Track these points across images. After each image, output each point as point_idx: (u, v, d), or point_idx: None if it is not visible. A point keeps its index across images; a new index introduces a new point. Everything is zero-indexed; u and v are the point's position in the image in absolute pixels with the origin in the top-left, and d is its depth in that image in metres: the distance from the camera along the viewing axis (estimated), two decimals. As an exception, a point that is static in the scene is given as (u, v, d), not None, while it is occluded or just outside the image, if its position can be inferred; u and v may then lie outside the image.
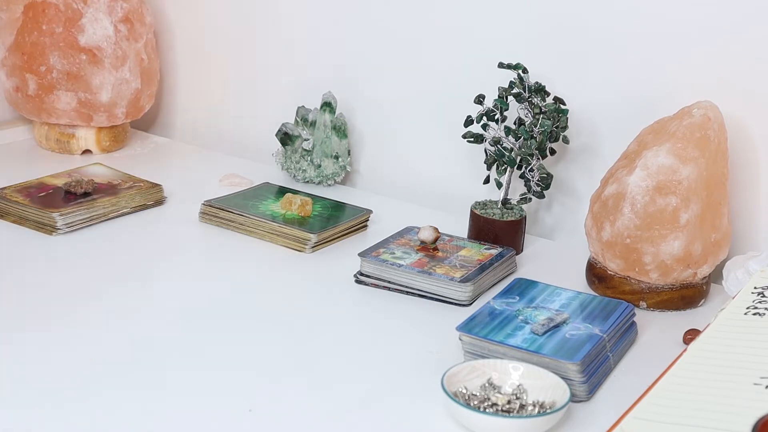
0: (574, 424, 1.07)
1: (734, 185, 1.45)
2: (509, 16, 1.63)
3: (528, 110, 1.50)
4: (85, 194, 1.56)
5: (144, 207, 1.61)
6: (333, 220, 1.56)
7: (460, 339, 1.19)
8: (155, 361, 1.15)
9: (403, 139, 1.79)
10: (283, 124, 1.76)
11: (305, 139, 1.74)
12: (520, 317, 1.22)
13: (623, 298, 1.35)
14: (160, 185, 1.64)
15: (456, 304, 1.34)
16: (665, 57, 1.49)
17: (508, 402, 1.06)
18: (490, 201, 1.57)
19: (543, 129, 1.48)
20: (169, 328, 1.23)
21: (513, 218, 1.52)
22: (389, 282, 1.38)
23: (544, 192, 1.53)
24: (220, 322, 1.26)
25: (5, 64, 1.84)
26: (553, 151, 1.55)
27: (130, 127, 1.98)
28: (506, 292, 1.30)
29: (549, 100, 1.53)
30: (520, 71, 1.51)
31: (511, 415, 1.05)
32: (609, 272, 1.39)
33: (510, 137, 1.50)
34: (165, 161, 1.88)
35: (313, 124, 1.75)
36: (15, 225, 1.50)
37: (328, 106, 1.75)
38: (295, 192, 1.63)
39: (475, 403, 1.06)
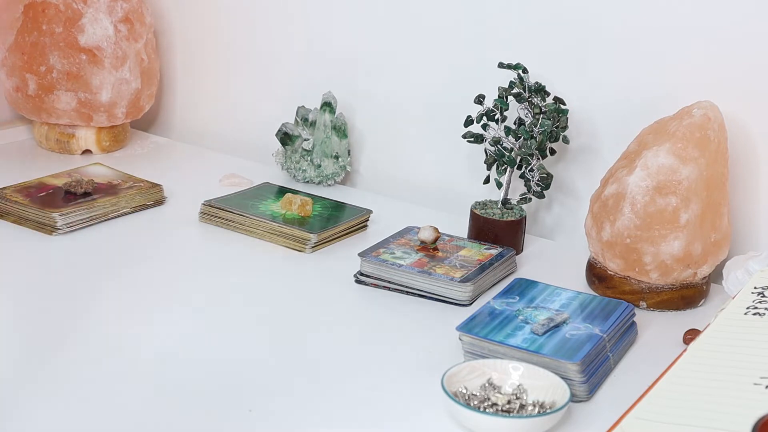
0: (574, 424, 1.07)
1: (734, 185, 1.45)
2: (509, 16, 1.63)
3: (528, 110, 1.50)
4: (85, 194, 1.56)
5: (144, 207, 1.61)
6: (333, 220, 1.56)
7: (460, 339, 1.19)
8: (155, 361, 1.15)
9: (403, 139, 1.79)
10: (283, 124, 1.76)
11: (305, 139, 1.75)
12: (520, 317, 1.22)
13: (623, 298, 1.35)
14: (160, 185, 1.64)
15: (456, 304, 1.34)
16: (665, 57, 1.49)
17: (508, 402, 1.06)
18: (490, 201, 1.57)
19: (543, 129, 1.48)
20: (168, 328, 1.23)
21: (513, 218, 1.52)
22: (389, 282, 1.38)
23: (544, 192, 1.53)
24: (219, 322, 1.26)
25: (5, 64, 1.84)
26: (553, 151, 1.55)
27: (130, 127, 1.98)
28: (506, 292, 1.30)
29: (549, 100, 1.53)
30: (520, 71, 1.51)
31: (511, 415, 1.05)
32: (609, 272, 1.39)
33: (510, 137, 1.50)
34: (165, 161, 1.88)
35: (313, 124, 1.75)
36: (15, 225, 1.50)
37: (328, 106, 1.75)
38: (295, 192, 1.63)
39: (475, 403, 1.06)
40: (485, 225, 1.52)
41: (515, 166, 1.51)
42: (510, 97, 1.51)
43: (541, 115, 1.49)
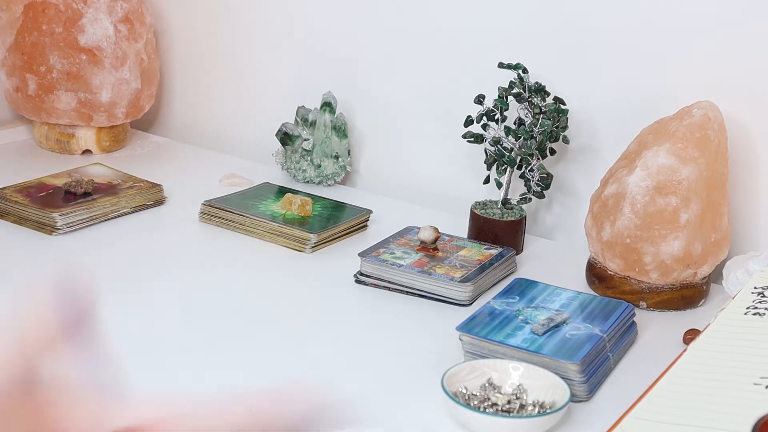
0: (574, 424, 1.07)
1: (734, 185, 1.45)
2: (509, 16, 1.63)
3: (528, 110, 1.50)
4: (85, 194, 1.56)
5: (144, 207, 1.61)
6: (333, 220, 1.55)
7: (460, 339, 1.19)
8: (155, 362, 1.15)
9: (403, 139, 1.79)
10: (283, 124, 1.76)
11: (305, 139, 1.74)
12: (520, 317, 1.22)
13: (623, 298, 1.35)
14: (160, 185, 1.64)
15: (456, 304, 1.34)
16: (665, 57, 1.49)
17: (508, 402, 1.06)
18: (490, 201, 1.57)
19: (543, 129, 1.48)
20: (168, 329, 1.23)
21: (513, 218, 1.52)
22: (389, 282, 1.37)
23: (544, 192, 1.53)
24: (219, 322, 1.26)
25: (5, 64, 1.84)
26: (553, 151, 1.55)
27: (130, 127, 1.98)
28: (506, 292, 1.30)
29: (549, 100, 1.53)
30: (520, 71, 1.51)
31: (511, 415, 1.05)
32: (609, 272, 1.39)
33: (510, 137, 1.50)
34: (165, 161, 1.88)
35: (313, 124, 1.75)
36: (15, 225, 1.50)
37: (328, 106, 1.75)
38: (295, 192, 1.63)
39: (475, 403, 1.06)
40: (485, 225, 1.52)
41: (515, 166, 1.51)
42: (510, 97, 1.51)
43: (541, 115, 1.49)
